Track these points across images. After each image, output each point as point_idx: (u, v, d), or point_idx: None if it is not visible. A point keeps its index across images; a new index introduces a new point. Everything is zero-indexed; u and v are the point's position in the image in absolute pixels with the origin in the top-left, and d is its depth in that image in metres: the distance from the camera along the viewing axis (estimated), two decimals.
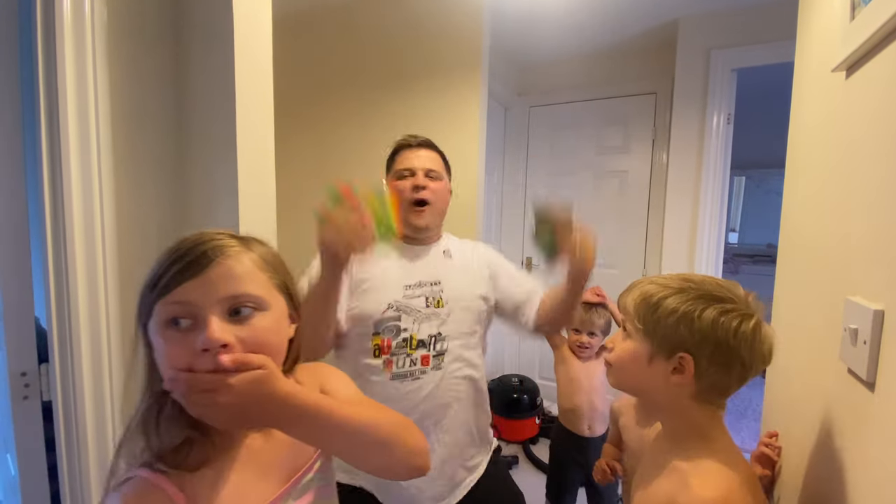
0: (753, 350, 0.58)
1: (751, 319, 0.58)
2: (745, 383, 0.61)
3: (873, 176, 0.57)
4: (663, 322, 0.61)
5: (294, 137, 2.12)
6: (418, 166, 1.14)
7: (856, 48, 0.61)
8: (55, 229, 0.82)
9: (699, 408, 0.62)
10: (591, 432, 1.65)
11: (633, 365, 0.65)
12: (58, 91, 0.80)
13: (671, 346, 0.60)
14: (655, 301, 0.62)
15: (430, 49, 1.94)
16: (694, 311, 0.59)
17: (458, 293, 1.13)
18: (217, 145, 0.92)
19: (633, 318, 0.65)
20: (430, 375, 1.07)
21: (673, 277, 0.65)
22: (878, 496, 0.49)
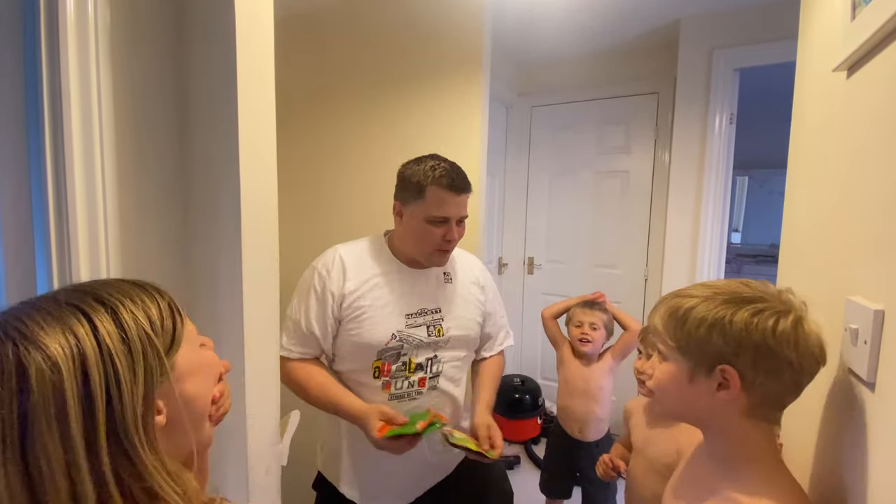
0: (799, 348, 0.53)
1: (788, 316, 0.53)
2: (801, 390, 0.55)
3: (874, 176, 0.57)
4: (695, 335, 0.56)
5: (295, 137, 2.13)
6: (455, 215, 1.07)
7: (856, 48, 0.61)
8: (59, 231, 0.82)
9: (752, 425, 0.56)
10: (582, 436, 1.65)
11: (675, 387, 0.59)
12: (61, 93, 0.80)
13: (709, 359, 0.55)
14: (682, 313, 0.58)
15: (431, 49, 1.94)
16: (724, 317, 0.54)
17: (457, 322, 1.16)
18: (220, 145, 0.92)
19: (664, 337, 0.60)
20: (425, 395, 1.12)
21: (698, 286, 0.60)
22: (879, 496, 0.49)
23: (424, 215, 1.05)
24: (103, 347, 0.40)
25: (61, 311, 0.41)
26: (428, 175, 1.04)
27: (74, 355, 0.38)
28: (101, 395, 0.38)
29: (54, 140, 0.82)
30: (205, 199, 0.98)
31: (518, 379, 2.68)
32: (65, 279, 0.82)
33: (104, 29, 0.85)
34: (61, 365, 0.37)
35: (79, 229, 0.82)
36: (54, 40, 0.80)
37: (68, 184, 0.81)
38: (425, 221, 1.05)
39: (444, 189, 1.03)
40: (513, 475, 2.32)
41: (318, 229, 2.11)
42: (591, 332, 1.63)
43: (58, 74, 0.80)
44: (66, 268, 0.82)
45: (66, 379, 0.37)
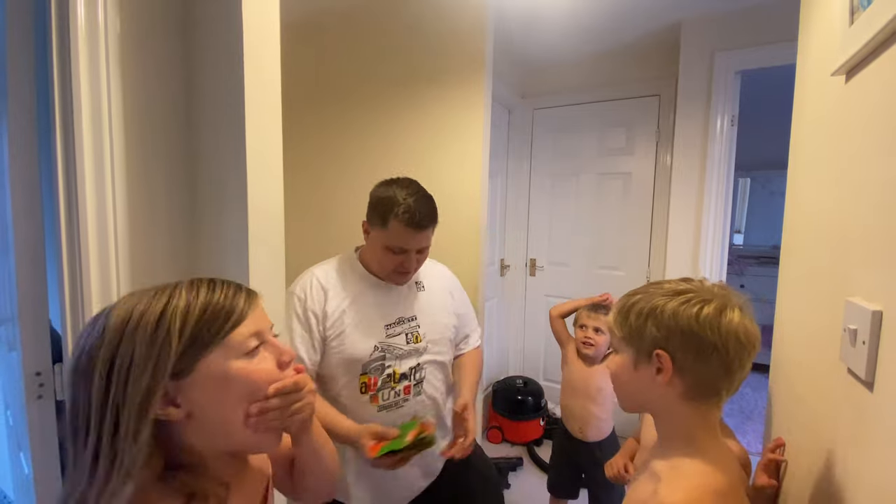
0: (721, 332, 0.58)
1: (710, 303, 0.60)
2: (732, 374, 0.60)
3: (872, 179, 0.57)
4: (635, 325, 0.64)
5: (299, 141, 2.14)
6: (414, 247, 1.11)
7: (854, 52, 0.62)
8: (69, 231, 0.84)
9: (689, 407, 0.62)
10: (583, 435, 1.66)
11: (625, 375, 0.67)
12: (72, 99, 0.82)
13: (647, 345, 0.62)
14: (627, 308, 0.66)
15: (433, 52, 1.95)
16: (657, 307, 0.62)
17: (432, 326, 1.22)
18: (227, 148, 0.94)
19: (615, 331, 0.68)
20: (411, 402, 1.17)
21: (648, 286, 0.68)
22: (878, 495, 0.50)
23: (385, 243, 1.10)
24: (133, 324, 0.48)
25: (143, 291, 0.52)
26: (393, 210, 1.08)
27: (117, 325, 0.48)
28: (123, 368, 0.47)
29: (65, 144, 0.83)
30: (212, 202, 0.99)
31: (520, 381, 2.69)
32: (75, 279, 0.83)
33: (114, 36, 0.87)
34: (108, 331, 0.48)
35: (89, 231, 0.83)
36: (65, 47, 0.82)
37: (79, 186, 0.82)
38: (385, 248, 1.10)
39: (404, 225, 1.07)
40: (516, 476, 2.32)
41: (322, 230, 2.12)
42: (595, 335, 1.63)
43: (69, 80, 0.82)
44: (77, 268, 0.83)
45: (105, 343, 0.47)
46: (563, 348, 1.76)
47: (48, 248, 0.92)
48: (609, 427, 1.67)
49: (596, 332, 1.63)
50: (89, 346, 0.48)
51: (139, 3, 0.91)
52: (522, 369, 3.07)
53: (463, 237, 1.99)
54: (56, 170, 0.83)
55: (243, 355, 0.52)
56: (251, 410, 0.53)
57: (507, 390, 2.65)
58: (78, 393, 0.47)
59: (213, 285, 0.54)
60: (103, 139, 0.85)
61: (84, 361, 0.47)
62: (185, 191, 1.01)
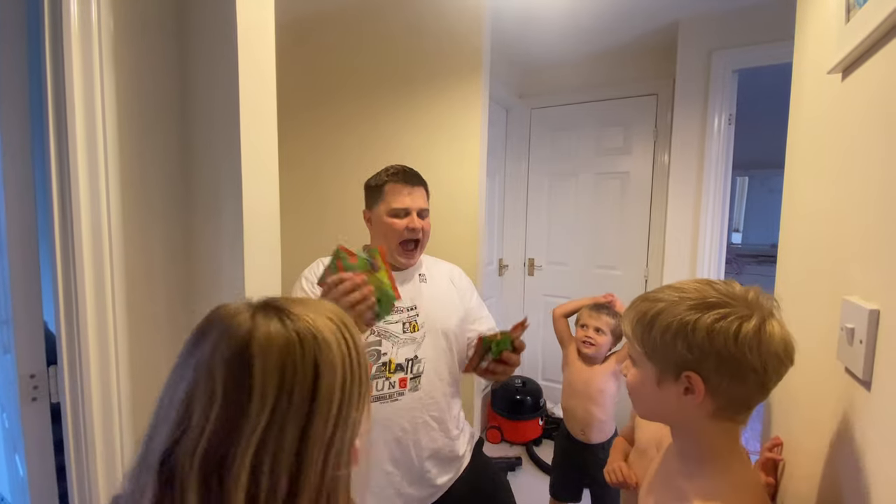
0: (762, 353, 0.53)
1: (750, 320, 0.53)
2: (768, 391, 0.56)
3: (868, 177, 0.57)
4: (660, 341, 0.57)
5: (295, 140, 2.14)
6: (413, 207, 1.16)
7: (851, 50, 0.62)
8: (63, 233, 0.83)
9: (718, 426, 0.57)
10: (585, 437, 1.65)
11: (645, 391, 0.61)
12: (65, 99, 0.81)
13: (675, 365, 0.56)
14: (649, 320, 0.59)
15: (430, 52, 1.95)
16: (688, 325, 0.55)
17: (432, 317, 1.19)
18: (222, 148, 0.93)
19: (633, 343, 0.62)
20: (407, 397, 1.14)
21: (666, 289, 0.61)
22: (876, 494, 0.50)
23: (386, 210, 1.16)
24: (351, 353, 0.44)
25: (316, 312, 0.45)
26: (382, 176, 1.19)
27: (340, 347, 0.43)
28: (348, 397, 0.43)
29: (58, 143, 0.83)
30: (208, 202, 0.99)
31: (519, 380, 2.68)
32: (69, 282, 0.83)
33: (107, 35, 0.86)
34: (335, 353, 0.42)
35: (83, 233, 0.83)
36: (58, 47, 0.82)
37: (72, 186, 0.82)
38: (388, 216, 1.15)
39: (398, 183, 1.16)
40: (515, 476, 2.32)
41: (319, 230, 2.12)
42: (596, 335, 1.62)
43: (62, 79, 0.82)
44: (71, 271, 0.83)
45: (338, 368, 0.42)
46: (565, 349, 1.75)
47: (42, 250, 0.91)
48: (611, 428, 1.66)
49: (597, 332, 1.62)
50: (327, 372, 0.41)
51: (133, 1, 0.90)
52: (521, 369, 3.06)
53: (461, 237, 1.98)
54: (49, 170, 0.82)
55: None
56: None
57: (506, 390, 2.64)
58: (309, 419, 0.41)
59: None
60: (97, 138, 0.84)
61: (325, 388, 0.41)
62: (181, 190, 1.00)
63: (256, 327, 0.41)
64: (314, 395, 0.40)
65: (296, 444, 0.39)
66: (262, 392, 0.39)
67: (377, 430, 1.11)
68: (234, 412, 0.38)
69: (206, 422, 0.38)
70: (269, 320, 0.42)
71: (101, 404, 0.89)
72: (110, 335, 0.87)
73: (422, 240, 1.19)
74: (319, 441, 0.40)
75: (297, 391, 0.40)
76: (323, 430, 0.40)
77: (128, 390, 0.94)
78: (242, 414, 0.38)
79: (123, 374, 0.92)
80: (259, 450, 0.38)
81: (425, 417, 1.16)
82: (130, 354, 0.94)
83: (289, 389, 0.39)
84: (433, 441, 1.17)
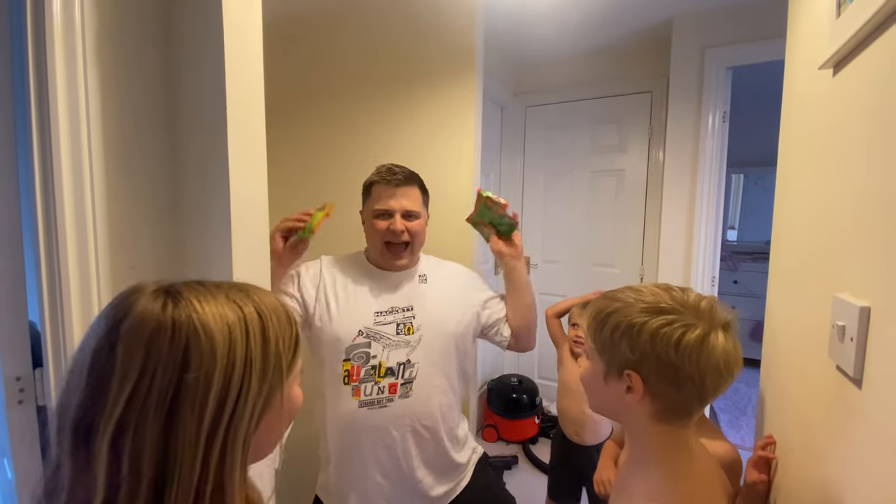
0: (700, 363, 0.54)
1: (695, 329, 0.54)
2: (705, 401, 0.57)
3: (859, 172, 0.57)
4: (609, 339, 0.59)
5: (285, 139, 2.12)
6: (396, 208, 1.11)
7: (841, 45, 0.61)
8: (47, 232, 0.82)
9: (660, 429, 0.59)
10: (579, 438, 1.64)
11: (594, 384, 0.64)
12: (48, 96, 0.80)
13: (618, 363, 0.59)
14: (603, 317, 0.61)
15: (423, 49, 1.94)
16: (635, 326, 0.57)
17: (429, 319, 1.13)
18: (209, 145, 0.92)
19: (587, 337, 0.65)
20: (397, 403, 1.08)
21: (627, 290, 0.62)
22: (867, 492, 0.49)
23: (371, 211, 1.14)
24: (250, 343, 0.42)
25: (226, 300, 0.44)
26: (372, 176, 1.17)
27: (227, 338, 0.41)
28: (235, 390, 0.41)
29: (42, 142, 0.81)
30: (195, 200, 0.98)
31: (515, 379, 2.68)
32: (54, 281, 0.82)
33: (91, 31, 0.85)
34: (218, 344, 0.40)
35: (67, 231, 0.81)
36: (41, 43, 0.80)
37: (56, 186, 0.80)
38: (372, 217, 1.13)
39: (382, 183, 1.13)
40: (511, 475, 2.32)
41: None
42: None
43: (45, 77, 0.80)
44: (56, 270, 0.81)
45: (218, 360, 0.40)
46: (559, 349, 1.74)
47: (26, 249, 0.90)
48: (607, 430, 1.65)
49: None
50: (195, 366, 0.39)
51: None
52: (517, 367, 3.07)
53: (456, 235, 1.97)
54: (33, 168, 0.81)
55: (298, 374, 0.49)
56: None
57: (502, 389, 2.64)
58: (171, 419, 0.39)
59: (280, 300, 0.50)
60: (80, 135, 0.83)
61: (192, 384, 0.39)
62: (168, 187, 0.99)
63: (133, 307, 0.41)
64: (179, 384, 0.39)
65: (158, 431, 0.38)
66: (122, 373, 0.38)
67: (365, 437, 1.07)
68: (98, 387, 0.39)
69: (79, 391, 0.39)
70: (154, 302, 0.41)
71: None
72: None
73: (412, 242, 1.14)
74: (191, 432, 0.38)
75: (159, 377, 0.38)
76: (194, 422, 0.39)
77: None
78: (103, 391, 0.38)
79: None
80: (118, 430, 0.37)
81: (416, 426, 1.09)
82: None
83: (151, 374, 0.38)
84: (424, 451, 1.11)
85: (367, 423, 1.07)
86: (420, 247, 1.20)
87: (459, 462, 1.18)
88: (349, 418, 1.07)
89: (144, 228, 0.95)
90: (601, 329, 0.61)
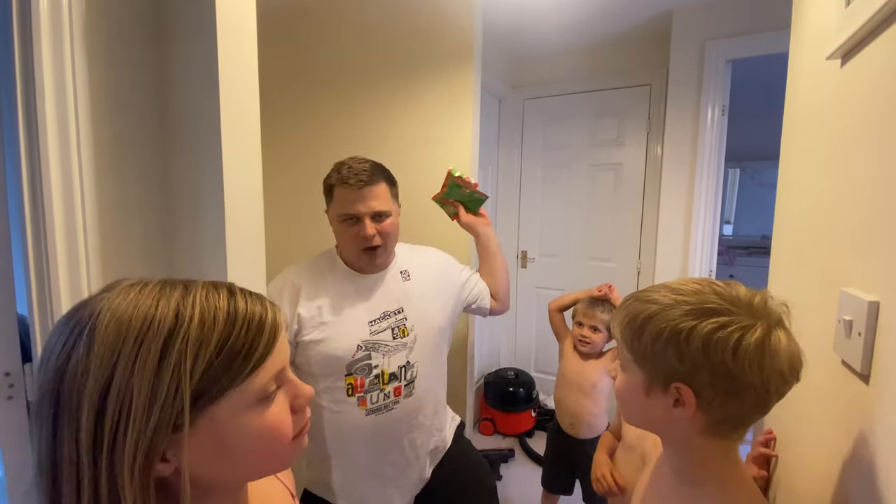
0: (763, 370, 0.47)
1: (754, 331, 0.47)
2: (768, 409, 0.50)
3: (868, 165, 0.56)
4: (651, 348, 0.51)
5: (281, 134, 2.10)
6: (364, 212, 1.04)
7: (851, 35, 0.60)
8: (35, 224, 0.80)
9: (711, 444, 0.53)
10: (574, 432, 1.64)
11: (633, 398, 0.55)
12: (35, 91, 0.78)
13: (664, 375, 0.51)
14: (640, 323, 0.53)
15: (421, 41, 1.91)
16: (682, 333, 0.49)
17: (420, 317, 1.14)
18: (202, 142, 0.90)
19: (621, 346, 0.57)
20: (402, 404, 1.11)
21: (662, 289, 0.55)
22: (874, 489, 0.49)
23: (336, 215, 1.07)
24: (142, 350, 0.36)
25: (154, 292, 0.39)
26: (332, 176, 1.07)
27: (110, 344, 0.35)
28: (122, 407, 0.35)
29: (29, 135, 0.79)
30: (188, 198, 0.96)
31: (512, 372, 2.68)
32: (43, 275, 0.80)
33: (79, 25, 0.82)
34: (97, 348, 0.35)
35: (56, 224, 0.79)
36: (27, 38, 0.78)
37: (44, 177, 0.78)
38: (339, 222, 1.07)
39: (344, 186, 1.04)
40: (507, 468, 2.32)
41: (306, 226, 2.08)
42: (591, 333, 1.59)
43: (31, 67, 0.78)
44: (45, 263, 0.80)
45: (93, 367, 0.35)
46: (561, 342, 1.74)
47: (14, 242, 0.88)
48: (603, 424, 1.65)
49: (593, 331, 1.60)
50: (73, 367, 0.35)
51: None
52: (514, 361, 3.07)
53: (452, 229, 1.96)
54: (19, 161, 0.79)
55: (257, 403, 0.40)
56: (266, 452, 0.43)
57: (499, 382, 2.64)
58: (56, 428, 0.35)
59: (233, 301, 0.40)
60: (69, 126, 0.80)
61: (67, 388, 0.35)
62: (160, 183, 0.97)
63: (93, 302, 0.38)
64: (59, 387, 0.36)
65: (68, 429, 0.35)
66: (44, 365, 0.37)
67: (374, 441, 1.10)
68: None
69: None
70: (103, 299, 0.38)
71: None
72: None
73: (384, 243, 1.08)
74: (71, 449, 0.35)
75: (69, 374, 0.35)
76: (87, 423, 0.35)
77: None
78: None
79: None
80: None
81: (419, 418, 1.14)
82: None
83: (42, 372, 0.37)
84: (430, 438, 1.17)
85: (376, 429, 1.09)
86: (395, 243, 1.15)
87: (447, 434, 1.26)
88: (356, 425, 1.07)
89: (135, 220, 0.93)
90: (638, 337, 0.53)
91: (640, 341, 0.53)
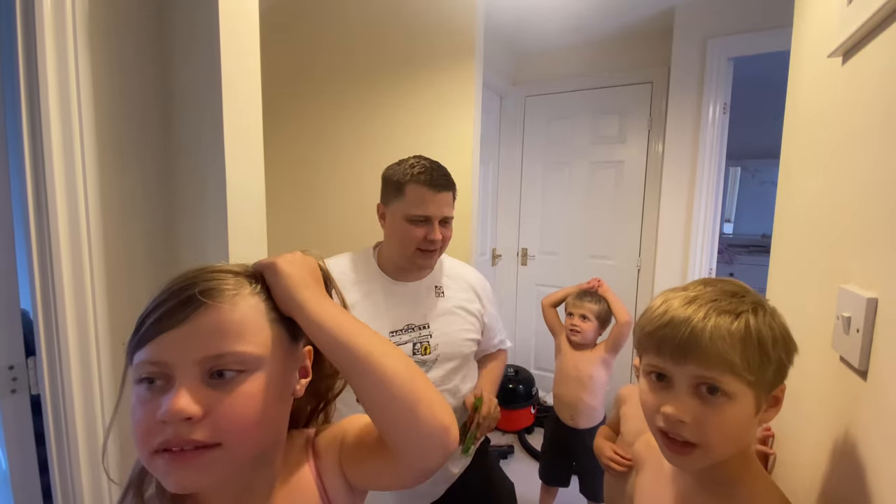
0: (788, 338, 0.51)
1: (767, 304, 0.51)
2: None
3: (868, 163, 0.56)
4: (773, 357, 0.48)
5: (284, 131, 2.09)
6: (436, 214, 1.04)
7: (853, 32, 0.60)
8: (39, 220, 0.80)
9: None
10: (574, 423, 1.67)
11: (746, 427, 0.49)
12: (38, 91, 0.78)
13: (773, 381, 0.49)
14: (758, 338, 0.47)
15: (423, 38, 1.91)
16: (782, 327, 0.50)
17: (446, 338, 1.09)
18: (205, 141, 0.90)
19: (742, 374, 0.47)
20: None
21: (701, 287, 0.52)
22: (871, 485, 0.49)
23: (404, 214, 1.03)
24: None
25: None
26: (407, 173, 1.03)
27: None
28: None
29: (32, 131, 0.79)
30: (191, 196, 0.96)
31: (511, 369, 2.69)
32: (46, 270, 0.80)
33: (83, 25, 0.82)
34: None
35: (59, 219, 0.80)
36: (31, 38, 0.78)
37: (47, 173, 0.79)
38: (405, 221, 1.03)
39: (422, 186, 1.01)
40: (507, 464, 2.34)
41: (310, 225, 2.08)
42: (581, 322, 1.64)
43: (34, 64, 0.78)
44: (48, 258, 0.80)
45: None
46: (556, 337, 1.76)
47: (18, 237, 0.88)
48: (600, 415, 1.68)
49: (582, 320, 1.64)
50: None
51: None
52: (514, 358, 3.08)
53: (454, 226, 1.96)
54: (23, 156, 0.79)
55: (136, 381, 0.41)
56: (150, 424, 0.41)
57: None
58: None
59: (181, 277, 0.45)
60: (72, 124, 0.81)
61: None
62: (162, 181, 0.97)
63: None
64: None
65: None
66: None
67: None
68: None
69: None
70: None
71: (82, 395, 0.87)
72: (90, 324, 0.85)
73: (441, 248, 1.08)
74: None
75: None
76: None
77: (109, 380, 0.91)
78: None
79: (104, 364, 0.89)
80: None
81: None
82: (112, 343, 0.91)
83: None
84: None
85: None
86: (444, 251, 1.14)
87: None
88: None
89: (137, 217, 0.93)
90: (765, 353, 0.47)
91: (769, 357, 0.48)
